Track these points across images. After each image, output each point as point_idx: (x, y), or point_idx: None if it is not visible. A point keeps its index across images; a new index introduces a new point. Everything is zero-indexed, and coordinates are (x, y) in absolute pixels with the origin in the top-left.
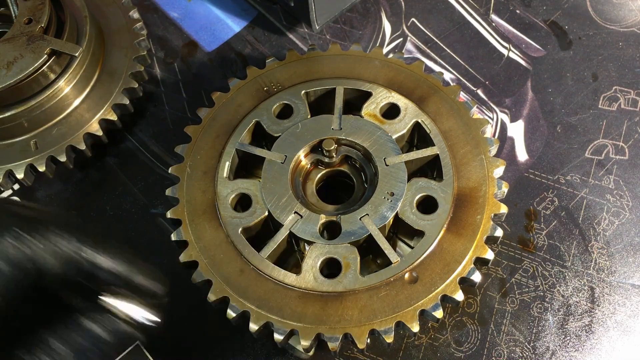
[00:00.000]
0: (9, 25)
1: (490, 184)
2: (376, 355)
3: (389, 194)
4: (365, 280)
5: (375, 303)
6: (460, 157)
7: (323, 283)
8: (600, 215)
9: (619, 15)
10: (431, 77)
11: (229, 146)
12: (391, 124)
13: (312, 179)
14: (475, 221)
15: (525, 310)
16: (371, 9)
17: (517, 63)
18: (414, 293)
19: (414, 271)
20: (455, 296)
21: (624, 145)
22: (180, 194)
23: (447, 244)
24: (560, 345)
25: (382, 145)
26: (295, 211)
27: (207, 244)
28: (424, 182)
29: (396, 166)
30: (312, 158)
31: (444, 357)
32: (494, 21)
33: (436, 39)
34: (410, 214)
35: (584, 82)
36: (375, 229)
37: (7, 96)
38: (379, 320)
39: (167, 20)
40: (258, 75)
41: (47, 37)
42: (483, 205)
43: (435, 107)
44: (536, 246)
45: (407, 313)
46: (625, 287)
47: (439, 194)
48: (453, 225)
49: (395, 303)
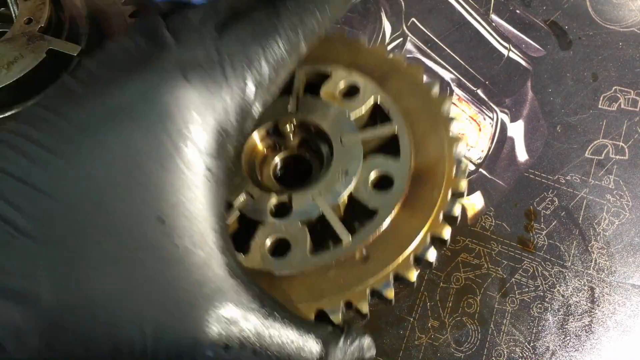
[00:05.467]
0: (9, 25)
1: (449, 161)
2: (376, 355)
3: (343, 173)
4: (314, 260)
5: (324, 283)
6: (420, 135)
7: (271, 262)
8: (600, 215)
9: (619, 15)
10: (394, 58)
11: None
12: (350, 103)
13: (269, 162)
14: (432, 197)
15: (525, 310)
16: (371, 9)
17: (517, 63)
18: (364, 272)
19: (365, 249)
20: (407, 275)
21: (624, 145)
22: None
23: (401, 222)
24: (560, 345)
25: (339, 124)
26: (248, 192)
27: None
28: (380, 159)
29: (352, 145)
30: (269, 140)
31: (444, 357)
32: (494, 21)
33: (436, 39)
34: (364, 192)
35: (584, 82)
36: (327, 207)
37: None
38: (326, 300)
39: None
40: None
41: (47, 37)
42: (441, 182)
43: (397, 86)
44: (536, 246)
45: (356, 293)
46: (625, 287)
47: (395, 172)
48: (408, 202)
49: (345, 283)
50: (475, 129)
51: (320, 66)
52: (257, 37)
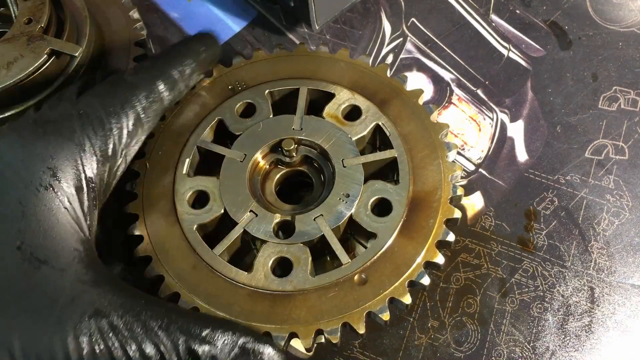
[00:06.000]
0: (9, 25)
1: (445, 188)
2: (376, 355)
3: (344, 195)
4: (315, 281)
5: (324, 303)
6: (418, 160)
7: (273, 282)
8: (600, 216)
9: (619, 16)
10: (395, 81)
11: (190, 143)
12: (352, 125)
13: (272, 178)
14: (428, 225)
15: (525, 310)
16: (371, 9)
17: (517, 63)
18: (362, 295)
19: (364, 273)
20: (403, 299)
21: (624, 145)
22: (138, 189)
23: (398, 247)
24: (560, 345)
25: (341, 146)
26: (251, 210)
27: (162, 239)
28: (380, 184)
29: (353, 168)
30: (271, 157)
31: (444, 357)
32: (494, 21)
33: (436, 39)
34: (365, 215)
35: (584, 82)
36: (328, 229)
37: (7, 96)
38: (325, 321)
39: (167, 20)
40: (224, 74)
41: (47, 37)
42: (437, 209)
43: (397, 110)
44: (536, 246)
45: (354, 314)
46: (625, 287)
47: (394, 197)
48: (406, 228)
49: (343, 304)
50: (475, 129)
51: (325, 86)
52: (113, 92)
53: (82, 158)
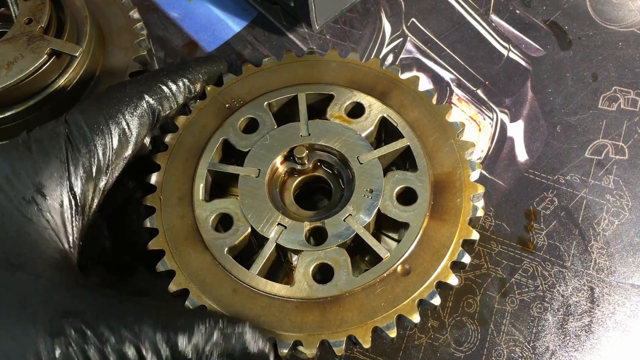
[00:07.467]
0: (9, 25)
1: (463, 166)
2: (376, 355)
3: (368, 191)
4: (359, 280)
5: (374, 301)
6: (431, 144)
7: (318, 289)
8: (600, 215)
9: (619, 16)
10: (389, 72)
11: (200, 168)
12: (358, 122)
13: (289, 188)
14: (456, 205)
15: (525, 310)
16: (371, 9)
17: (517, 63)
18: (409, 285)
19: (406, 263)
20: (449, 281)
21: (624, 145)
22: (158, 223)
23: (432, 232)
24: (560, 345)
25: (352, 144)
26: (279, 223)
27: (195, 269)
28: (400, 174)
29: (370, 163)
30: (286, 167)
31: (444, 357)
32: (494, 21)
33: (436, 39)
34: (392, 207)
35: (584, 82)
36: (360, 227)
37: (7, 96)
38: (380, 317)
39: (167, 20)
40: (217, 93)
41: (47, 37)
42: (461, 188)
43: (398, 99)
44: (536, 246)
45: (406, 305)
46: (625, 287)
47: (417, 184)
48: (435, 212)
49: (393, 297)
50: (475, 129)
51: (322, 88)
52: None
53: (67, 175)
